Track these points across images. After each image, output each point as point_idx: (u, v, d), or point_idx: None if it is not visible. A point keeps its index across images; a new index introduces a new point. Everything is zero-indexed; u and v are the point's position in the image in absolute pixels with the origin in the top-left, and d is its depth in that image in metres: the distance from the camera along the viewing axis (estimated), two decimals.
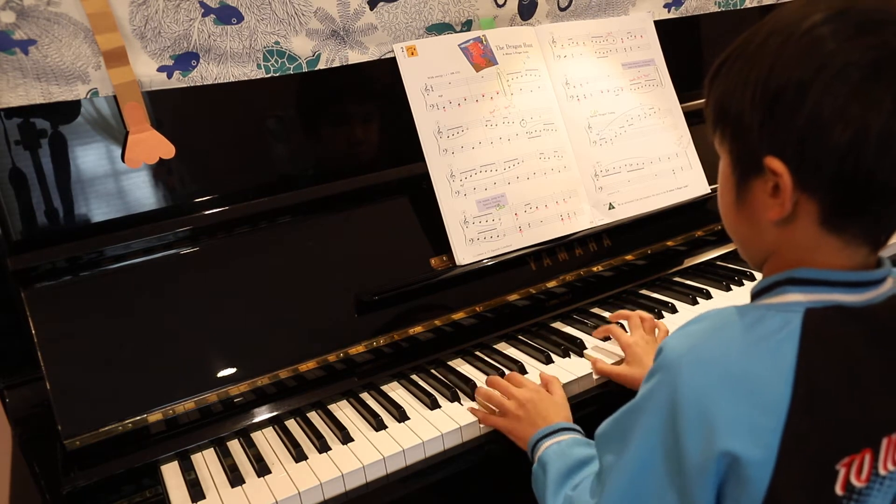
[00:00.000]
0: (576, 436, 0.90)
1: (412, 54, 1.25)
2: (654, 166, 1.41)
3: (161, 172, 1.12)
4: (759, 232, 0.65)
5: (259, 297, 1.10)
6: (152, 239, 1.07)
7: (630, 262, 1.38)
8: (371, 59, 1.28)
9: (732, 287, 1.34)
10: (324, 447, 0.98)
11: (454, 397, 1.06)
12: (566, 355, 1.15)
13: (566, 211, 1.32)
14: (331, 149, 1.27)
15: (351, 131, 1.29)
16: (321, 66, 1.24)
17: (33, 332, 0.98)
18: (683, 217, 1.44)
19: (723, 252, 1.46)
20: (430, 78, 1.25)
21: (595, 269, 1.34)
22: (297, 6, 1.19)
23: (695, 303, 1.30)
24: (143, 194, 1.11)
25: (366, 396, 1.11)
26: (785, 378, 0.59)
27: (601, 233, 1.34)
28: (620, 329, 1.15)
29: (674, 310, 1.27)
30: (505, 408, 1.00)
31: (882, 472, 0.61)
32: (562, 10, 1.46)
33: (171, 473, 0.97)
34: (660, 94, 1.45)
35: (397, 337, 1.16)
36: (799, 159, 0.58)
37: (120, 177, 1.09)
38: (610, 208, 1.36)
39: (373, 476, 0.95)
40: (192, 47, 1.13)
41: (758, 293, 0.66)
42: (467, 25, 1.36)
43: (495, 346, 1.22)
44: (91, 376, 0.98)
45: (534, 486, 0.88)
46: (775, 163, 0.59)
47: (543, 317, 1.28)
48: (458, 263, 1.21)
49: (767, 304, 0.63)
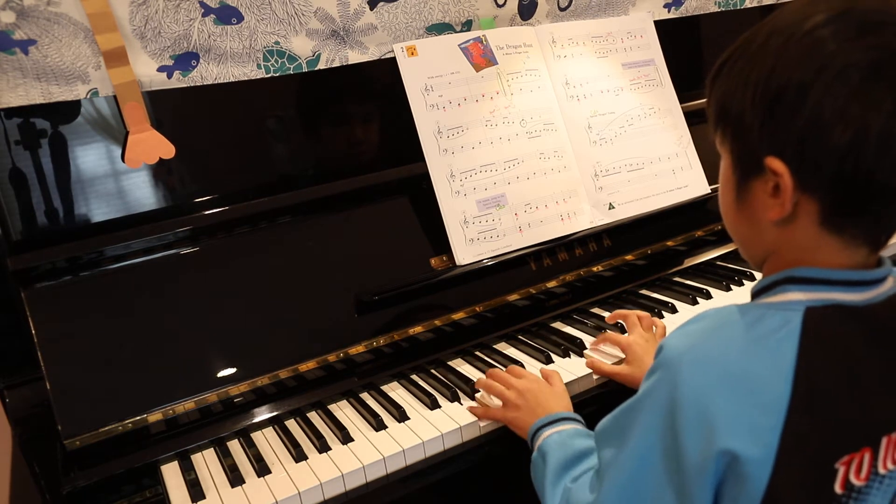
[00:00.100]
0: (577, 426, 0.90)
1: (412, 54, 1.25)
2: (654, 166, 1.41)
3: (161, 172, 1.12)
4: (759, 232, 0.65)
5: (259, 297, 1.10)
6: (152, 239, 1.07)
7: (630, 262, 1.38)
8: (371, 59, 1.28)
9: (732, 287, 1.34)
10: (324, 447, 0.98)
11: (454, 397, 1.06)
12: (566, 355, 1.15)
13: (566, 211, 1.32)
14: (331, 149, 1.27)
15: (351, 131, 1.29)
16: (321, 66, 1.24)
17: (33, 332, 0.98)
18: (683, 217, 1.44)
19: (723, 252, 1.46)
20: (430, 78, 1.25)
21: (595, 269, 1.34)
22: (297, 6, 1.19)
23: (695, 303, 1.30)
24: (143, 194, 1.11)
25: (366, 396, 1.11)
26: (784, 377, 0.59)
27: (601, 233, 1.34)
28: (616, 334, 1.14)
29: (674, 310, 1.27)
30: (505, 397, 1.00)
31: (881, 470, 0.61)
32: (562, 10, 1.46)
33: (171, 473, 0.97)
34: (660, 94, 1.46)
35: (397, 337, 1.16)
36: (799, 159, 0.58)
37: (120, 177, 1.09)
38: (610, 208, 1.36)
39: (373, 476, 0.95)
40: (192, 47, 1.13)
41: (758, 292, 0.66)
42: (467, 25, 1.36)
43: (495, 346, 1.22)
44: (91, 376, 0.98)
45: (532, 475, 0.87)
46: (776, 163, 0.59)
47: (543, 317, 1.28)
48: (458, 263, 1.21)
49: (768, 303, 0.63)
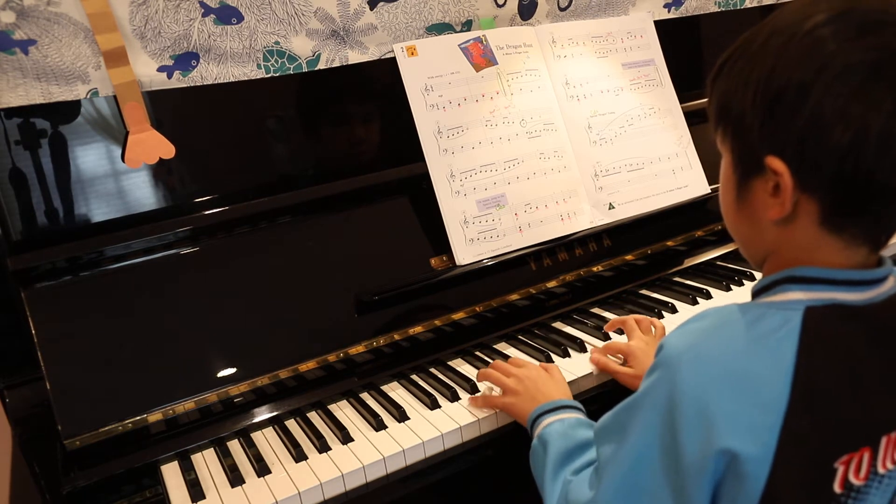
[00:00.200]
0: (579, 415, 0.90)
1: (412, 54, 1.25)
2: (654, 166, 1.41)
3: (161, 172, 1.12)
4: (759, 231, 0.65)
5: (259, 297, 1.10)
6: (152, 239, 1.07)
7: (630, 262, 1.38)
8: (371, 59, 1.28)
9: (732, 287, 1.34)
10: (324, 447, 0.98)
11: (454, 397, 1.06)
12: (566, 355, 1.15)
13: (566, 211, 1.32)
14: (331, 149, 1.27)
15: (351, 131, 1.29)
16: (321, 66, 1.24)
17: (33, 332, 0.98)
18: (683, 217, 1.44)
19: (723, 252, 1.46)
20: (430, 78, 1.25)
21: (595, 269, 1.34)
22: (297, 6, 1.19)
23: (695, 303, 1.30)
24: (143, 194, 1.11)
25: (366, 396, 1.11)
26: (784, 376, 0.59)
27: (601, 233, 1.34)
28: (617, 342, 1.13)
29: (674, 310, 1.27)
30: (503, 383, 1.00)
31: (881, 470, 0.62)
32: (562, 10, 1.46)
33: (171, 473, 0.97)
34: (660, 94, 1.46)
35: (397, 337, 1.16)
36: (799, 159, 0.58)
37: (120, 177, 1.09)
38: (610, 208, 1.36)
39: (373, 476, 0.95)
40: (192, 47, 1.13)
41: (758, 291, 0.66)
42: (467, 25, 1.36)
43: (495, 346, 1.22)
44: (91, 376, 0.98)
45: (532, 462, 0.87)
46: (776, 162, 0.59)
47: (543, 317, 1.28)
48: (458, 263, 1.21)
49: (768, 303, 0.63)
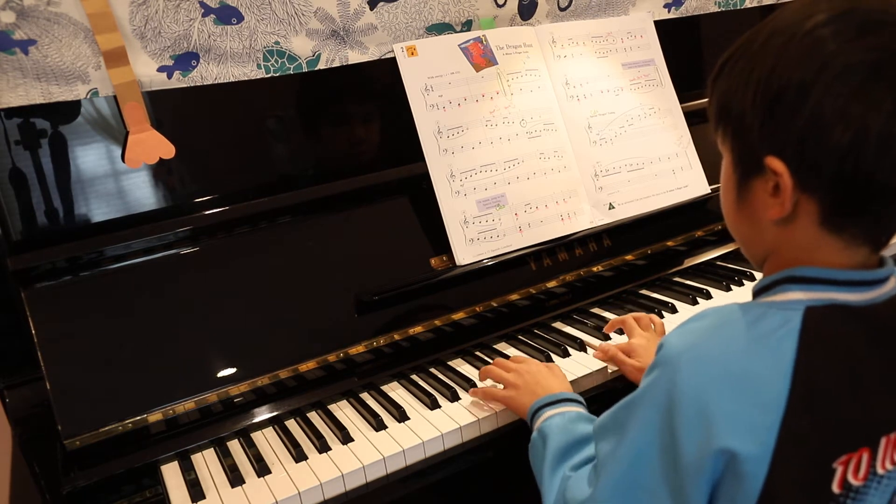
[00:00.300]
0: (580, 409, 0.89)
1: (412, 54, 1.25)
2: (654, 166, 1.41)
3: (161, 172, 1.12)
4: (759, 231, 0.65)
5: (259, 297, 1.10)
6: (152, 239, 1.07)
7: (630, 262, 1.38)
8: (371, 59, 1.28)
9: (732, 287, 1.34)
10: (324, 447, 0.98)
11: (454, 397, 1.06)
12: (566, 355, 1.15)
13: (566, 211, 1.32)
14: (331, 149, 1.27)
15: (351, 131, 1.29)
16: (321, 66, 1.24)
17: (33, 332, 0.98)
18: (683, 217, 1.44)
19: (723, 252, 1.46)
20: (430, 78, 1.25)
21: (595, 269, 1.34)
22: (297, 6, 1.19)
23: (695, 303, 1.30)
24: (143, 194, 1.11)
25: (366, 396, 1.11)
26: (783, 376, 0.59)
27: (601, 233, 1.34)
28: (619, 345, 1.12)
29: (674, 310, 1.27)
30: (504, 379, 1.01)
31: (880, 470, 0.61)
32: (562, 10, 1.46)
33: (171, 473, 0.97)
34: (660, 94, 1.45)
35: (397, 337, 1.16)
36: (799, 159, 0.58)
37: (120, 177, 1.09)
38: (610, 208, 1.36)
39: (373, 476, 0.95)
40: (192, 47, 1.13)
41: (759, 291, 0.66)
42: (467, 25, 1.36)
43: (495, 346, 1.22)
44: (91, 376, 0.98)
45: (531, 455, 0.87)
46: (776, 162, 0.59)
47: (543, 317, 1.28)
48: (458, 263, 1.21)
49: (769, 302, 0.63)
